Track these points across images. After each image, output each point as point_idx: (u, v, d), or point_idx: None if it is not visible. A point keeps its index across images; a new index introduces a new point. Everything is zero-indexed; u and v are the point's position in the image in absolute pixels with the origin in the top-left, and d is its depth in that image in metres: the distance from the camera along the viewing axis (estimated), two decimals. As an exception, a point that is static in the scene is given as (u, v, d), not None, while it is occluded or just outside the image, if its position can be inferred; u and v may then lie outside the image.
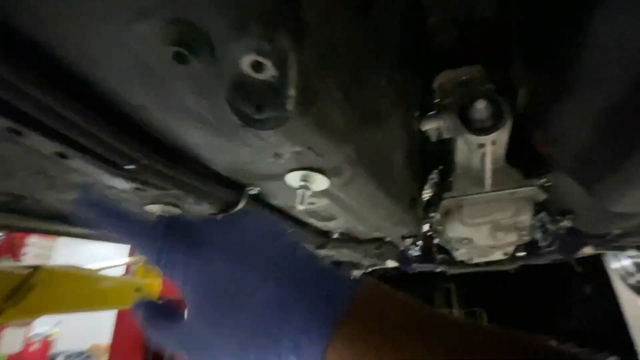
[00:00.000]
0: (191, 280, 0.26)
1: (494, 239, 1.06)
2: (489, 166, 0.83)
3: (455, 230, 1.12)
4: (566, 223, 1.34)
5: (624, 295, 3.87)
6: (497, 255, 1.64)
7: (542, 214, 1.51)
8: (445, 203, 1.02)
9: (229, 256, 0.26)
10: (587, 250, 1.79)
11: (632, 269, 2.07)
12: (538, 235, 1.98)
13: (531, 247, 2.10)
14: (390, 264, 2.25)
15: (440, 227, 1.18)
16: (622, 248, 1.90)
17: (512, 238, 1.06)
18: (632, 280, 1.98)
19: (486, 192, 0.95)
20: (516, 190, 0.93)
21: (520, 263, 2.03)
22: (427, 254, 2.19)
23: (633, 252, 1.97)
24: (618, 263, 2.15)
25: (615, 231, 1.26)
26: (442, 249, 1.88)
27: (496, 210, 1.03)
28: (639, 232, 1.20)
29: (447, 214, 1.13)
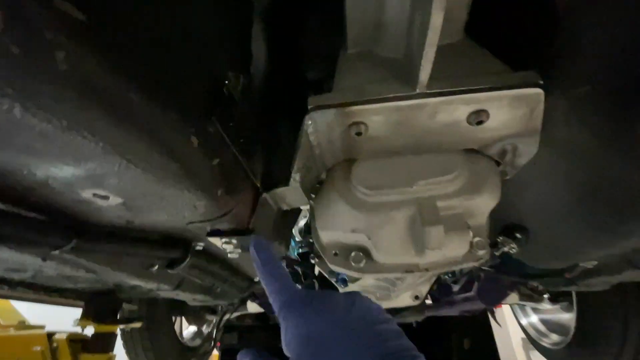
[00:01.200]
0: (293, 337, 0.31)
1: (420, 248, 0.44)
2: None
3: (338, 224, 0.47)
4: (512, 248, 0.83)
5: (502, 347, 3.78)
6: (404, 300, 1.04)
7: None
8: (312, 129, 0.37)
9: (325, 323, 0.31)
10: (511, 299, 1.34)
11: (542, 327, 1.72)
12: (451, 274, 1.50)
13: (440, 292, 1.60)
14: (252, 307, 1.50)
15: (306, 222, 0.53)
16: (538, 299, 1.53)
17: (458, 249, 0.45)
18: (546, 342, 1.61)
19: (420, 97, 0.34)
20: (491, 94, 0.33)
21: (428, 314, 1.50)
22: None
23: (546, 306, 1.62)
24: (526, 319, 1.80)
25: (587, 263, 0.78)
26: (327, 286, 1.23)
27: (431, 172, 0.42)
28: (618, 265, 0.73)
29: (317, 182, 0.48)
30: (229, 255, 0.53)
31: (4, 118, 0.20)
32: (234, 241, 0.49)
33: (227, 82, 0.33)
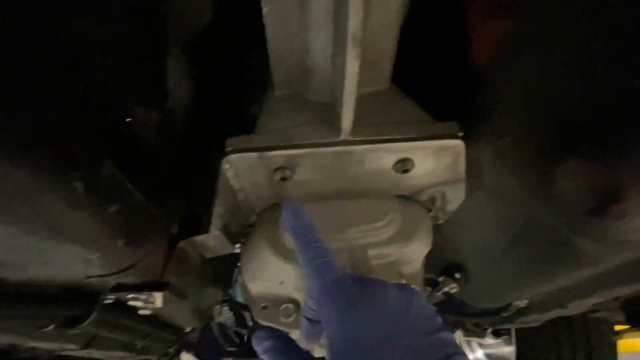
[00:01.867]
0: (334, 335, 0.26)
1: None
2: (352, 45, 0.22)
3: (266, 275, 0.43)
4: (452, 288, 0.84)
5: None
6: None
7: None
8: (231, 173, 0.34)
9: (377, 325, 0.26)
10: (457, 336, 1.35)
11: (487, 362, 1.75)
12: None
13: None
14: (187, 358, 1.34)
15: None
16: (482, 334, 1.56)
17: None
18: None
19: (344, 144, 0.32)
20: (414, 144, 0.33)
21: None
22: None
23: (489, 340, 1.66)
24: (473, 355, 1.82)
25: (520, 302, 0.81)
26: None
27: (362, 219, 0.40)
28: (547, 304, 0.77)
29: (246, 226, 0.44)
30: (140, 312, 0.46)
31: None
32: (144, 296, 0.42)
33: (128, 119, 0.29)
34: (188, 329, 0.90)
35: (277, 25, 0.30)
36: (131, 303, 0.42)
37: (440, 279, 0.86)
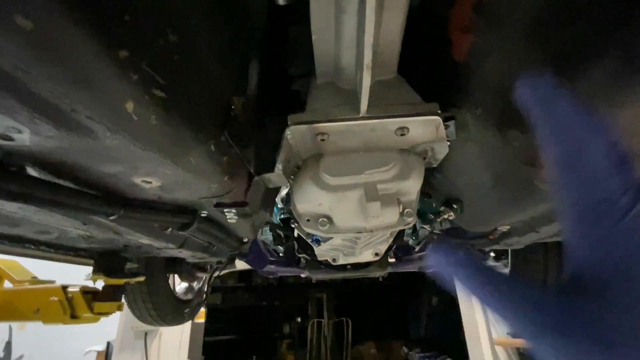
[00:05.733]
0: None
1: (365, 216, 0.63)
2: (369, 41, 0.38)
3: (309, 199, 0.65)
4: (450, 215, 1.05)
5: (463, 305, 4.29)
6: (367, 256, 1.28)
7: (423, 201, 1.22)
8: (290, 137, 0.54)
9: None
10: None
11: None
12: (411, 239, 1.76)
13: (403, 251, 1.88)
14: (240, 264, 1.71)
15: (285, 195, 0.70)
16: (484, 258, 1.83)
17: (392, 218, 0.65)
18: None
19: (362, 119, 0.51)
20: (408, 119, 0.51)
21: (390, 269, 1.77)
22: (290, 253, 1.74)
23: (491, 263, 1.93)
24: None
25: (503, 227, 1.02)
26: (304, 245, 1.45)
27: (374, 165, 0.60)
28: (523, 229, 0.97)
29: (295, 168, 0.65)
30: (228, 220, 0.72)
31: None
32: (234, 211, 0.66)
33: (232, 106, 0.49)
34: (245, 240, 1.20)
35: (321, 46, 0.47)
36: (226, 214, 0.67)
37: (442, 208, 1.07)
